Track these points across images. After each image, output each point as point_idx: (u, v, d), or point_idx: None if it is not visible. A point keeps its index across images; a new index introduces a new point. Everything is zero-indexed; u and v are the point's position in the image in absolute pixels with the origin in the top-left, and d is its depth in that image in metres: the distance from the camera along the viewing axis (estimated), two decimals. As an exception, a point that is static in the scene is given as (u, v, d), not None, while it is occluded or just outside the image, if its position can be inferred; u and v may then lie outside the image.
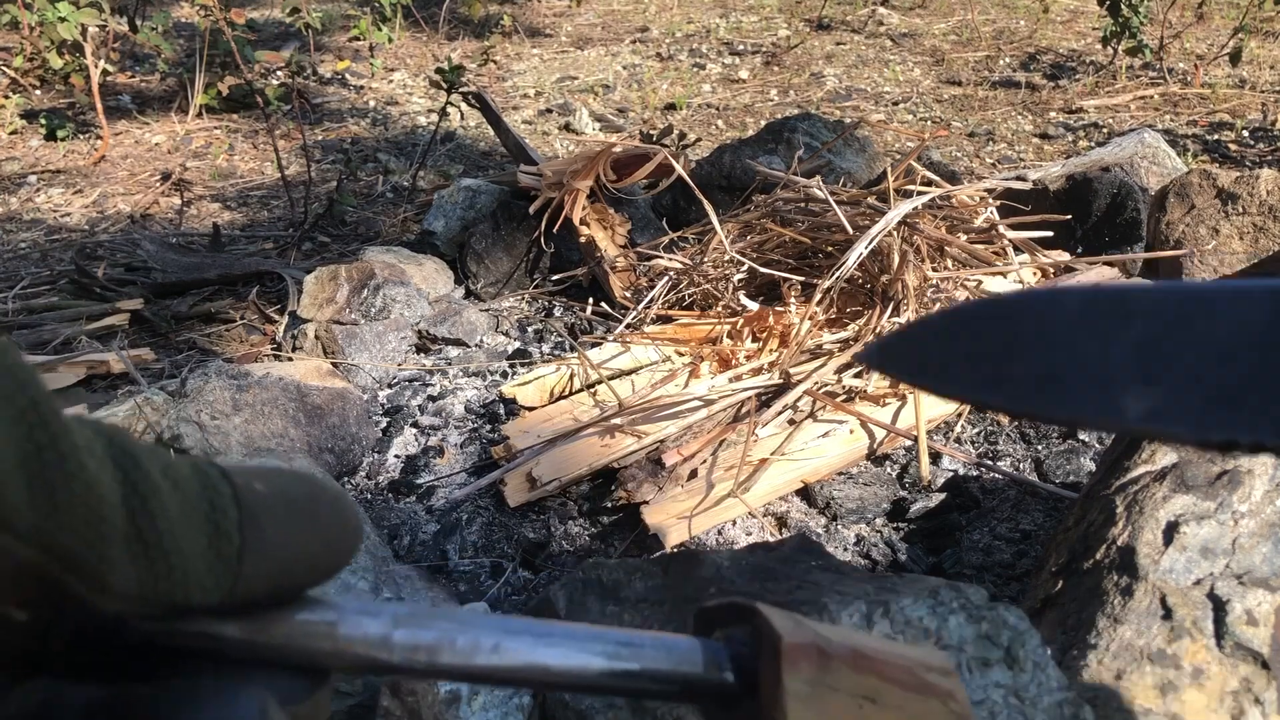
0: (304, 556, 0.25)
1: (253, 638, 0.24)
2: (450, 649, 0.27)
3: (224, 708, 0.23)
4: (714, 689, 0.30)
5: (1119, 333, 0.29)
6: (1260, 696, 0.75)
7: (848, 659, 0.31)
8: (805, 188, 1.64)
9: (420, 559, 1.21)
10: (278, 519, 0.24)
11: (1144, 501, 0.91)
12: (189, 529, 0.22)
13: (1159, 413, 0.28)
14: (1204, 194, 1.75)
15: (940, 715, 0.32)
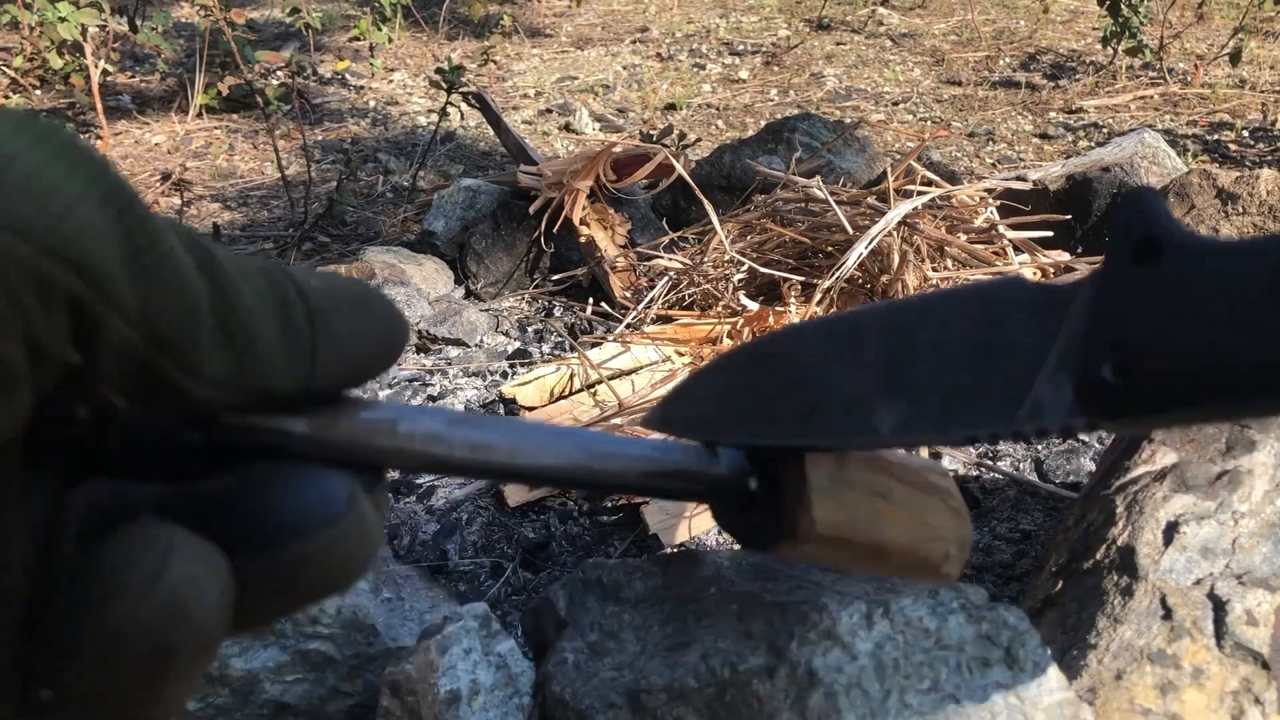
0: (365, 348, 0.25)
1: (319, 435, 0.24)
2: (501, 449, 0.27)
3: (315, 488, 0.23)
4: (738, 489, 0.31)
5: (858, 356, 0.31)
6: (1260, 696, 0.75)
7: (863, 459, 0.33)
8: (805, 188, 1.64)
9: (420, 559, 1.21)
10: (339, 312, 0.24)
11: (1144, 501, 0.91)
12: (266, 319, 0.22)
13: (906, 425, 0.30)
14: (1204, 194, 1.75)
15: (941, 510, 0.35)
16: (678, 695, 0.73)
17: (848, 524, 0.32)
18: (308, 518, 0.22)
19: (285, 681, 0.92)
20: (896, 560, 0.35)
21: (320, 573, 0.23)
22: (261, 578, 0.22)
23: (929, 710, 0.67)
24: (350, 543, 0.23)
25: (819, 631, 0.71)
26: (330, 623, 0.93)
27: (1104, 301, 0.28)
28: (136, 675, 0.19)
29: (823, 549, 0.32)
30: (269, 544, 0.22)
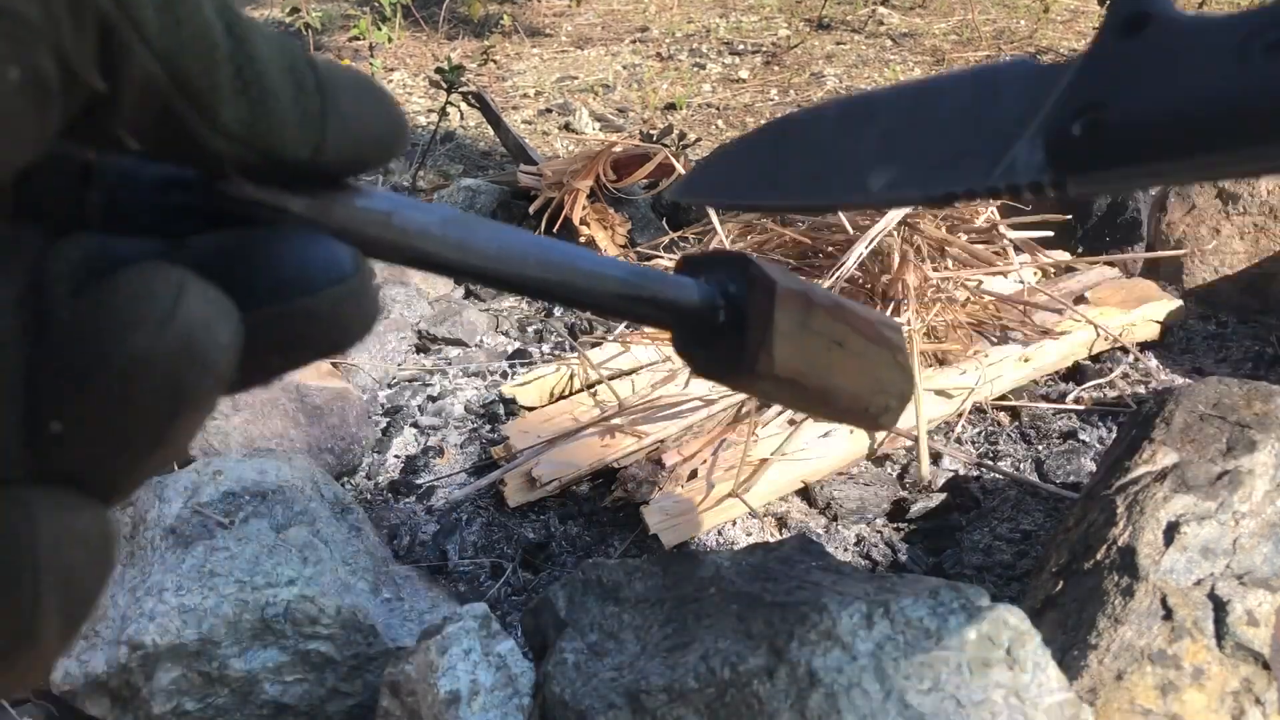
0: (369, 129, 0.26)
1: (315, 216, 0.24)
2: (488, 252, 0.28)
3: (324, 247, 0.23)
4: (705, 319, 0.33)
5: (867, 129, 0.35)
6: (1261, 697, 0.75)
7: (828, 307, 0.35)
8: (805, 187, 1.64)
9: (420, 559, 1.20)
10: (345, 88, 0.25)
11: (1144, 501, 0.91)
12: (280, 76, 0.22)
13: (895, 183, 0.33)
14: (1204, 194, 1.75)
15: (890, 364, 0.38)
16: (678, 695, 0.73)
17: (804, 368, 0.34)
18: (317, 274, 0.23)
19: (285, 681, 0.92)
20: (841, 406, 0.37)
21: (324, 331, 0.23)
22: (266, 330, 0.22)
23: (929, 710, 0.67)
24: (355, 304, 0.23)
25: (819, 631, 0.71)
26: (330, 623, 0.93)
27: (1087, 70, 0.30)
28: (147, 412, 0.19)
29: (774, 388, 0.34)
30: (277, 296, 0.22)
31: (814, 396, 0.35)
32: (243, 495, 1.02)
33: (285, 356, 0.23)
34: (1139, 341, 1.56)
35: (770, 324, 0.32)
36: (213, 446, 1.30)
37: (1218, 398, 1.02)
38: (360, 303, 0.24)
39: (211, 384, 0.20)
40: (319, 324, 0.23)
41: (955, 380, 1.39)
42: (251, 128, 0.22)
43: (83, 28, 0.17)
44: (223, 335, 0.20)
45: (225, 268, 0.22)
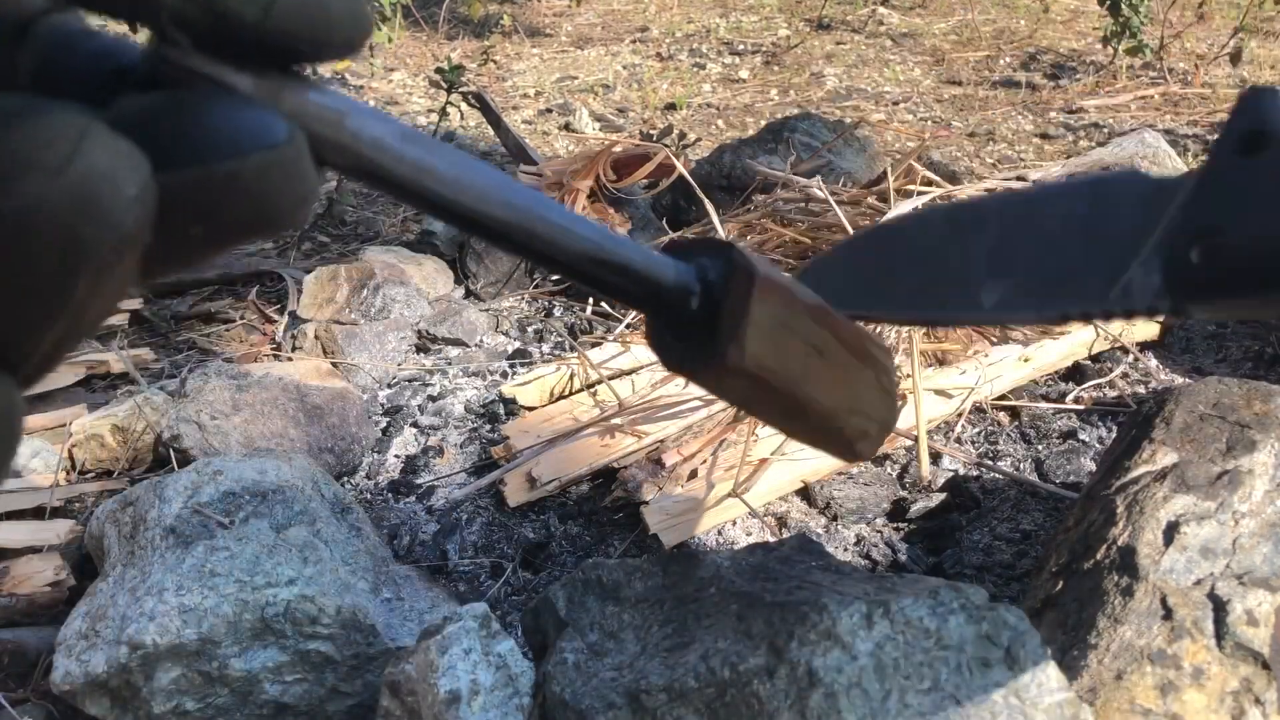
0: (328, 6, 0.25)
1: (263, 98, 0.23)
2: (446, 178, 0.26)
3: (257, 114, 0.22)
4: (678, 302, 0.31)
5: (976, 239, 0.33)
6: (1261, 697, 0.75)
7: (811, 309, 0.33)
8: (805, 188, 1.64)
9: (420, 559, 1.21)
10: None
11: (1144, 501, 0.91)
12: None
13: (1008, 301, 0.32)
14: (1204, 194, 1.75)
15: (871, 385, 0.35)
16: (678, 695, 0.73)
17: (776, 368, 0.31)
18: (244, 138, 0.21)
19: (285, 681, 0.92)
20: (812, 423, 0.34)
21: (249, 200, 0.21)
22: (186, 193, 0.21)
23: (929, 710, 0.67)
24: (284, 174, 0.22)
25: (819, 631, 0.71)
26: (330, 623, 0.93)
27: (1204, 190, 0.29)
28: (44, 267, 0.18)
29: (743, 387, 0.32)
30: (200, 157, 0.21)
31: (785, 404, 0.33)
32: (243, 495, 1.02)
33: (207, 227, 0.22)
34: (1139, 341, 1.56)
35: (745, 313, 0.30)
36: (212, 446, 1.30)
37: (1218, 398, 1.02)
38: (290, 174, 0.22)
39: (114, 239, 0.19)
40: (243, 191, 0.21)
41: (955, 380, 1.39)
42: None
43: None
44: (127, 188, 0.19)
45: (147, 126, 0.21)
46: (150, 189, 0.20)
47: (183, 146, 0.21)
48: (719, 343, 0.30)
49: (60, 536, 1.18)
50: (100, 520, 1.07)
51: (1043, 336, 1.47)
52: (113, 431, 1.37)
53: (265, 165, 0.21)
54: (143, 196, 0.20)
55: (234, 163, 0.21)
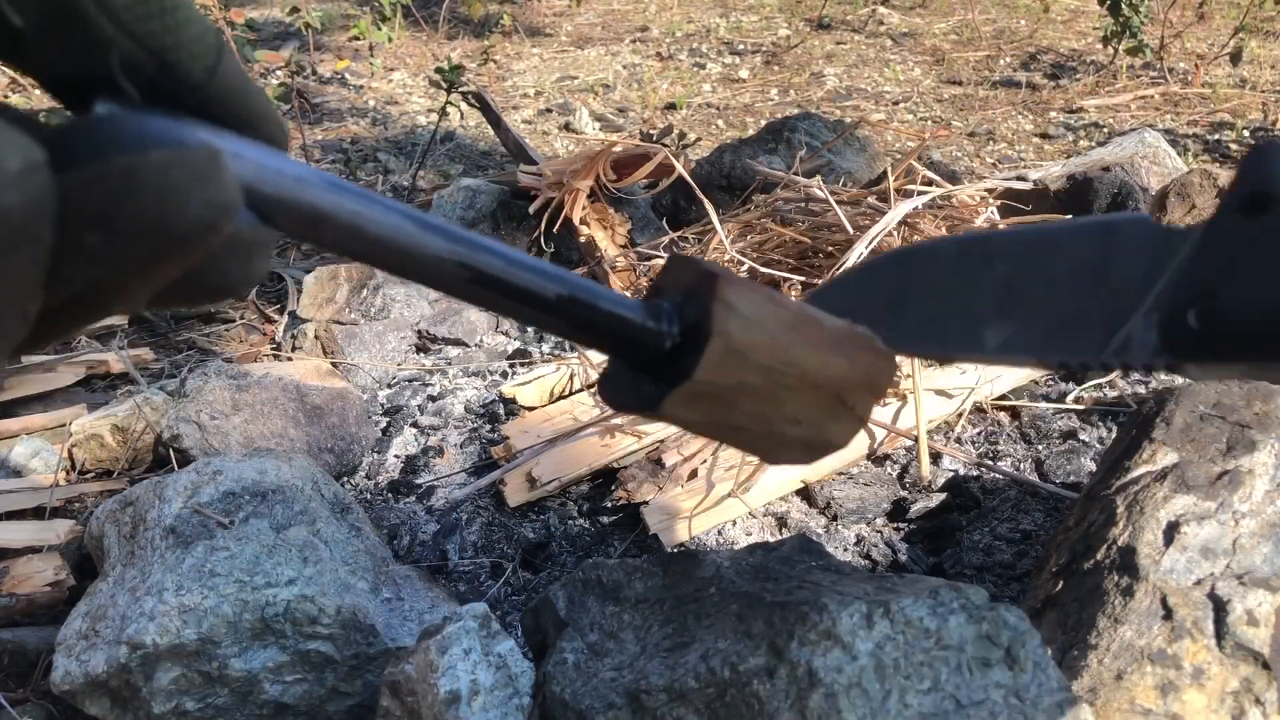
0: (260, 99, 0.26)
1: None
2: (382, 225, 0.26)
3: (167, 122, 0.21)
4: (653, 343, 0.31)
5: (984, 275, 0.33)
6: (1261, 697, 0.75)
7: (774, 296, 0.33)
8: (805, 187, 1.64)
9: (420, 559, 1.20)
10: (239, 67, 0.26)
11: (1144, 501, 0.91)
12: (187, 8, 0.23)
13: (1010, 344, 0.32)
14: (1205, 193, 1.75)
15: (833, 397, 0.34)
16: (678, 695, 0.73)
17: (760, 340, 0.31)
18: (149, 137, 0.20)
19: (285, 681, 0.92)
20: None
21: (148, 200, 0.20)
22: (85, 189, 0.20)
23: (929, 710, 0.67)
24: (189, 176, 0.21)
25: (819, 631, 0.71)
26: (330, 623, 0.93)
27: (1207, 246, 0.29)
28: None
29: (708, 408, 0.31)
30: (98, 153, 0.20)
31: (752, 422, 0.32)
32: (243, 495, 1.02)
33: (106, 232, 0.20)
34: (1139, 341, 1.56)
35: (715, 297, 0.31)
36: (212, 446, 1.30)
37: (1218, 398, 1.02)
38: (197, 176, 0.21)
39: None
40: (142, 189, 0.20)
41: (955, 380, 1.39)
42: (145, 23, 0.22)
43: None
44: (9, 162, 0.18)
45: (59, 133, 0.20)
46: (41, 173, 0.19)
47: (84, 146, 0.20)
48: (686, 369, 0.30)
49: (60, 536, 1.18)
50: (100, 520, 1.07)
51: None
52: (113, 431, 1.36)
53: (167, 161, 0.20)
54: (28, 176, 0.19)
55: (132, 158, 0.20)
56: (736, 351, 0.31)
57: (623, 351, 0.32)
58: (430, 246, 0.26)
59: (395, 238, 0.26)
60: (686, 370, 0.31)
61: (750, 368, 0.31)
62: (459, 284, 0.28)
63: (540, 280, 0.29)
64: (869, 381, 0.36)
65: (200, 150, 0.21)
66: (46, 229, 0.19)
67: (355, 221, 0.25)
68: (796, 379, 0.33)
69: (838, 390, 0.34)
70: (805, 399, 0.34)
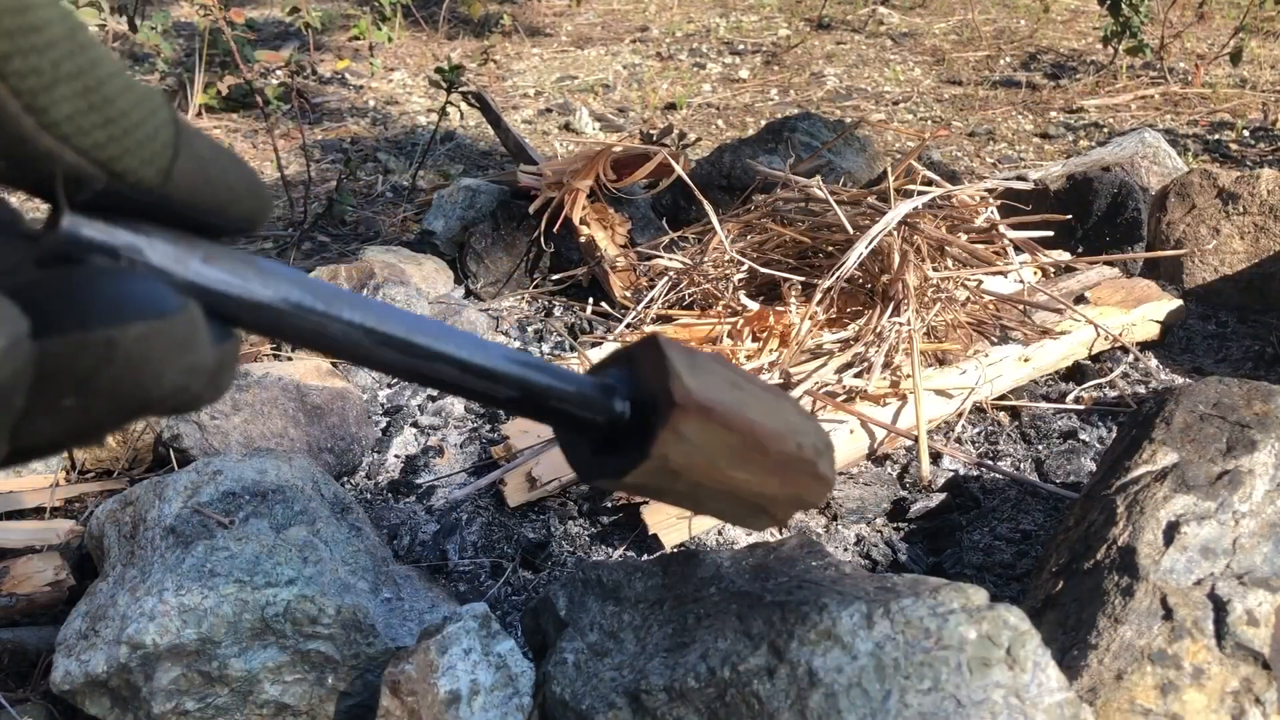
0: (227, 176, 0.25)
1: (164, 265, 0.23)
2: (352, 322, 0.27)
3: (146, 284, 0.21)
4: (614, 418, 0.32)
5: None
6: (1261, 697, 0.75)
7: (710, 359, 0.35)
8: (805, 187, 1.64)
9: (420, 559, 1.20)
10: (202, 141, 0.24)
11: (1144, 501, 0.91)
12: (127, 91, 0.22)
13: None
14: (1205, 193, 1.75)
15: (794, 409, 0.36)
16: (678, 695, 0.73)
17: (717, 402, 0.33)
18: (129, 305, 0.20)
19: (285, 681, 0.92)
20: (773, 456, 0.35)
21: (127, 369, 0.20)
22: (63, 357, 0.20)
23: (929, 710, 0.67)
24: (169, 346, 0.21)
25: (819, 631, 0.71)
26: (330, 623, 0.93)
27: None
28: None
29: (699, 435, 0.33)
30: (79, 323, 0.20)
31: (741, 445, 0.33)
32: (243, 495, 1.02)
33: (81, 397, 0.20)
34: (1139, 341, 1.56)
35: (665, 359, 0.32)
36: (212, 446, 1.30)
37: (1218, 397, 1.02)
38: (176, 345, 0.21)
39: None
40: (121, 360, 0.20)
41: (955, 380, 1.39)
42: (88, 135, 0.21)
43: None
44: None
45: (35, 292, 0.20)
46: (22, 346, 0.19)
47: (65, 313, 0.20)
48: (658, 406, 0.32)
49: (60, 536, 1.18)
50: (100, 520, 1.07)
51: (1043, 337, 1.47)
52: (113, 431, 1.36)
53: (147, 334, 0.21)
54: (8, 352, 0.19)
55: (113, 329, 0.20)
56: (670, 472, 0.34)
57: (572, 430, 0.34)
58: (385, 357, 0.28)
59: (353, 345, 0.27)
60: (620, 468, 0.33)
61: (680, 481, 0.34)
62: (419, 382, 0.29)
63: (493, 386, 0.30)
64: (796, 501, 0.38)
65: (180, 319, 0.21)
66: (20, 397, 0.19)
67: (314, 328, 0.26)
68: (723, 493, 0.35)
69: (762, 504, 0.37)
70: (728, 503, 0.36)
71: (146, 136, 0.22)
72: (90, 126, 0.21)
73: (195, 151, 0.24)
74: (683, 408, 0.32)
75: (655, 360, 0.33)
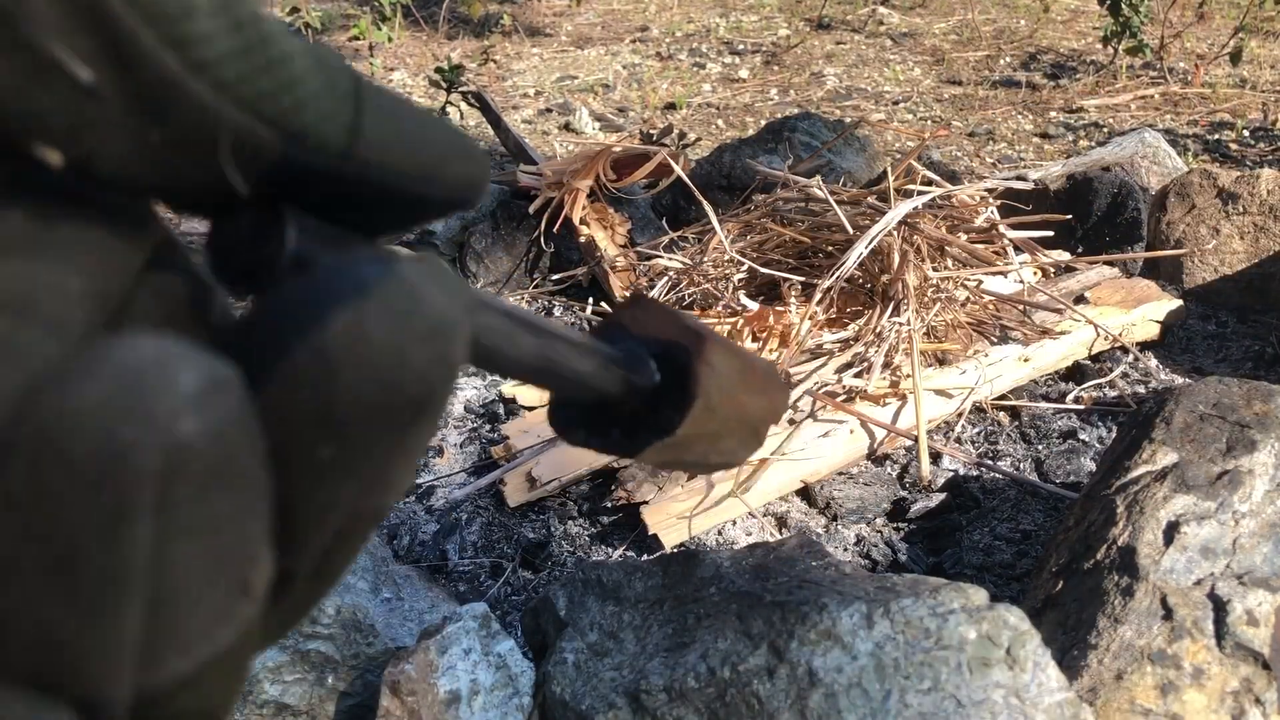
0: (428, 140, 0.20)
1: None
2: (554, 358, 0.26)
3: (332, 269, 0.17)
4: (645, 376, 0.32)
5: None
6: (1261, 697, 0.75)
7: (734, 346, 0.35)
8: (805, 187, 1.64)
9: (420, 559, 1.20)
10: (387, 96, 0.19)
11: (1144, 501, 0.91)
12: (291, 40, 0.17)
13: None
14: (1204, 193, 1.75)
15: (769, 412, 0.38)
16: (678, 695, 0.73)
17: (726, 395, 0.33)
18: (320, 301, 0.16)
19: (285, 681, 0.92)
20: (759, 371, 0.36)
21: (355, 368, 0.16)
22: (284, 396, 0.15)
23: (929, 710, 0.67)
24: (390, 318, 0.16)
25: (819, 631, 0.71)
26: (330, 623, 0.93)
27: None
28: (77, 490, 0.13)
29: (723, 363, 0.33)
30: (280, 351, 0.16)
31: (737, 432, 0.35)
32: (243, 495, 1.02)
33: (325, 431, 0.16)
34: (1139, 341, 1.56)
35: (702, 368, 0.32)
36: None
37: (1218, 398, 1.02)
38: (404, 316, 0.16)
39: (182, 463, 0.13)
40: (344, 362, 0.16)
41: (955, 380, 1.39)
42: (253, 81, 0.16)
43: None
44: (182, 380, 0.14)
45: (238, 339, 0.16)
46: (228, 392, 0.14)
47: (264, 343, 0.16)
48: (668, 424, 0.32)
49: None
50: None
51: (1043, 337, 1.47)
52: (113, 431, 1.36)
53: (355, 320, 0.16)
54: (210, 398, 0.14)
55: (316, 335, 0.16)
56: (710, 410, 0.33)
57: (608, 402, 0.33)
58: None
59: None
60: (668, 423, 0.33)
61: (715, 419, 0.33)
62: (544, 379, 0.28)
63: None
64: (776, 415, 0.39)
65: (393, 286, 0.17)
66: (254, 464, 0.15)
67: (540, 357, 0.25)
68: (736, 423, 0.35)
69: (758, 425, 0.37)
70: (737, 434, 0.36)
71: (322, 86, 0.17)
72: (253, 71, 0.16)
73: (381, 105, 0.19)
74: (709, 340, 0.32)
75: (653, 311, 0.33)
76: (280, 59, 0.16)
